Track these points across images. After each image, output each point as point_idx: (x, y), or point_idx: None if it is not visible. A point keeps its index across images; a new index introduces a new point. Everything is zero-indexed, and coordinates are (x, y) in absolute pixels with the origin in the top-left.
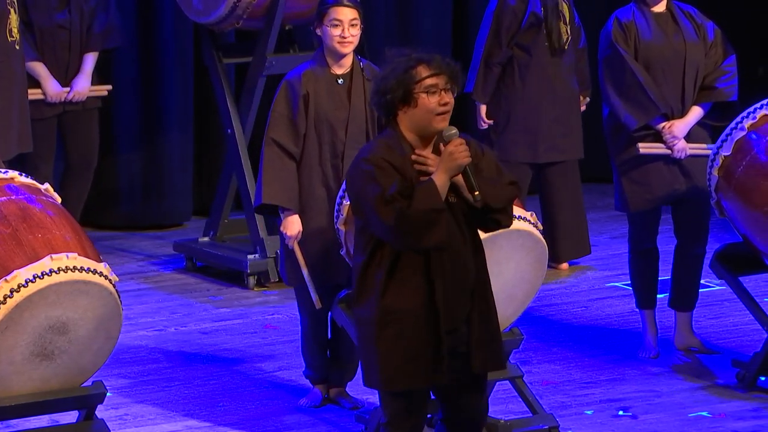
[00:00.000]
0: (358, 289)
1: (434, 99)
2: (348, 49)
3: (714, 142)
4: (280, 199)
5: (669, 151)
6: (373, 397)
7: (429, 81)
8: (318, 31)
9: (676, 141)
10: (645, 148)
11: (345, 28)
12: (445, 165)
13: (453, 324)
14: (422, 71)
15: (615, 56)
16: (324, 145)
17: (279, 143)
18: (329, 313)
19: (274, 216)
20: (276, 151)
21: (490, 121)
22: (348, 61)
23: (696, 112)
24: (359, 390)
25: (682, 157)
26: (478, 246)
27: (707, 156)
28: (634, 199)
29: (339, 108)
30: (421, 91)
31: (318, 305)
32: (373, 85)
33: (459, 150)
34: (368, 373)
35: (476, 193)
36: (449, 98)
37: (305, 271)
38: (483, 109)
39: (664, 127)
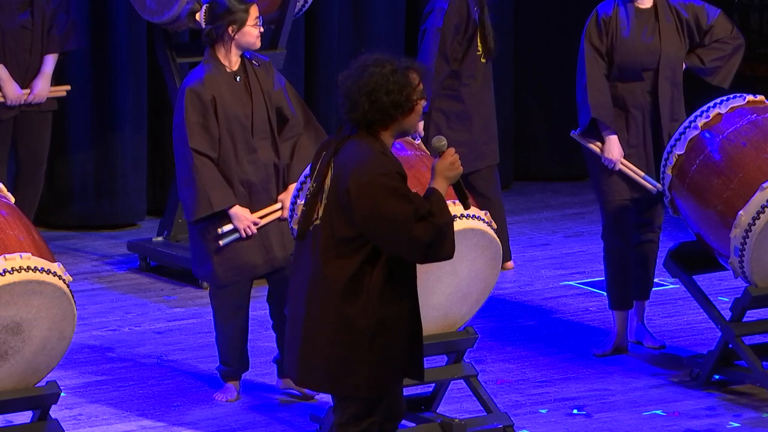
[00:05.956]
0: (346, 290)
1: (423, 102)
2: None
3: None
4: (228, 201)
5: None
6: None
7: (421, 86)
8: (233, 34)
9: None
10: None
11: (259, 24)
12: (446, 174)
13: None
14: (415, 78)
15: (582, 52)
16: (238, 143)
17: (200, 152)
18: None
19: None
20: (202, 159)
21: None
22: (236, 57)
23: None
24: None
25: (614, 168)
26: None
27: (649, 187)
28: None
29: (243, 104)
30: (417, 97)
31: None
32: (359, 87)
33: (457, 159)
34: (347, 378)
35: (468, 200)
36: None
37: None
38: (420, 125)
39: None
